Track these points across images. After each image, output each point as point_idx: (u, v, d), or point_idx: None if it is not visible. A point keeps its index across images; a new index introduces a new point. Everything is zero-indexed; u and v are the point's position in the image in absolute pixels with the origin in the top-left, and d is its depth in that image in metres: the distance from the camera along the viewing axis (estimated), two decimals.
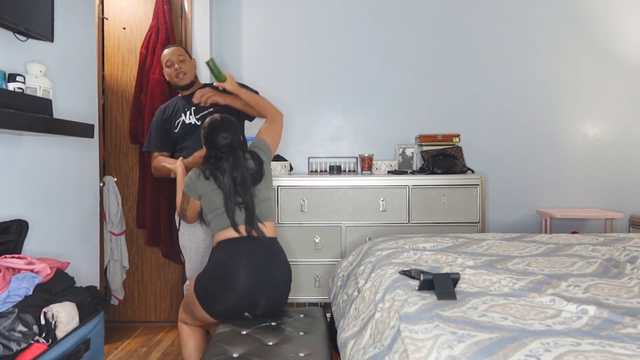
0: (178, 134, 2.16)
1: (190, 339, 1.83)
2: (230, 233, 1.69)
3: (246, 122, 2.29)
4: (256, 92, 2.18)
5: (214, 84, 2.09)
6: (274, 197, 2.55)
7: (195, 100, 2.08)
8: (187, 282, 2.18)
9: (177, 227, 2.17)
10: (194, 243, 2.12)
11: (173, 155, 2.22)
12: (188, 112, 2.16)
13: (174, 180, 2.01)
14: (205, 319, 1.70)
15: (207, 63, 2.00)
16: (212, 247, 1.77)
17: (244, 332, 1.51)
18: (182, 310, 1.84)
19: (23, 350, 1.21)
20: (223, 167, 1.70)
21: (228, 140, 1.73)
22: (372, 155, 2.85)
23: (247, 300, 1.63)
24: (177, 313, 2.75)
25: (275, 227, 2.10)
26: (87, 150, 2.11)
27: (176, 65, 2.17)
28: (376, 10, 3.02)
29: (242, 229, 1.69)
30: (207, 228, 2.10)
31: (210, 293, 1.63)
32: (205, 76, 2.70)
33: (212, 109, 2.15)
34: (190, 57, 2.27)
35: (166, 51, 2.21)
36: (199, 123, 2.14)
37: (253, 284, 1.62)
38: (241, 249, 1.66)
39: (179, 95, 2.26)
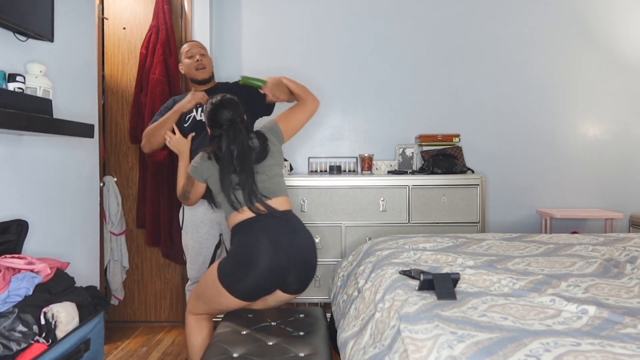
0: (187, 128, 2.13)
1: (197, 337, 1.78)
2: (241, 214, 1.67)
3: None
4: None
5: (262, 91, 2.02)
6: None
7: (266, 93, 2.00)
8: (189, 283, 2.18)
9: (180, 226, 2.16)
10: (197, 243, 2.11)
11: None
12: (200, 109, 2.15)
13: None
14: (227, 304, 1.64)
15: (243, 82, 1.96)
16: (230, 232, 1.74)
17: (244, 332, 1.51)
18: (194, 299, 1.75)
19: (23, 350, 1.21)
20: (222, 143, 1.69)
21: (230, 115, 1.73)
22: (372, 155, 2.85)
23: (276, 275, 1.60)
24: (177, 313, 2.77)
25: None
26: (87, 150, 2.11)
27: (197, 57, 2.18)
28: (376, 10, 3.02)
29: (249, 207, 1.67)
30: (217, 210, 2.11)
31: (234, 274, 1.58)
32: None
33: None
34: None
35: (186, 44, 2.24)
36: None
37: (279, 259, 1.59)
38: (258, 227, 1.64)
39: (193, 90, 2.25)
